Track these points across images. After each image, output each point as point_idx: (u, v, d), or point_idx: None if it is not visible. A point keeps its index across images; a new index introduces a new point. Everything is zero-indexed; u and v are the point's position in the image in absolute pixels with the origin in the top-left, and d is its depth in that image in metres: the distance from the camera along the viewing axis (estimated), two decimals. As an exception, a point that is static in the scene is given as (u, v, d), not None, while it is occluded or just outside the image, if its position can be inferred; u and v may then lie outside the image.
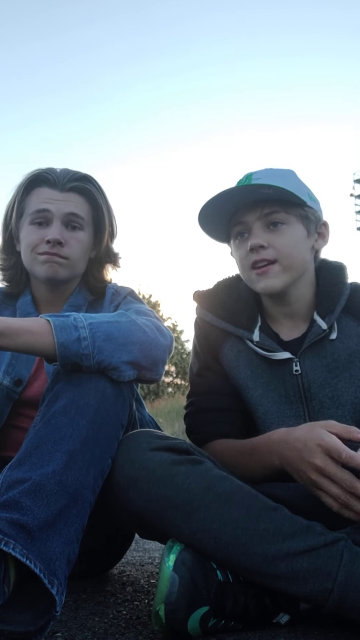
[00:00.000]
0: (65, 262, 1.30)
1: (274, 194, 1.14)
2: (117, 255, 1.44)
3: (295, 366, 1.19)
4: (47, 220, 1.30)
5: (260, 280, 1.17)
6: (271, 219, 1.17)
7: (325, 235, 1.26)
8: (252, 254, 1.17)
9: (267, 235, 1.17)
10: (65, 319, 1.03)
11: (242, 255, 1.20)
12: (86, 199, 1.34)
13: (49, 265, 1.29)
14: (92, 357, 1.01)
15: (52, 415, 0.98)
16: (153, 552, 1.82)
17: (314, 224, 1.22)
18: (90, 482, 0.96)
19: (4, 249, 1.38)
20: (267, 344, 1.21)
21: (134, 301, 1.33)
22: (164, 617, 0.91)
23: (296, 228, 1.18)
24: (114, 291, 1.38)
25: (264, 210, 1.17)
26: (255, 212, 1.17)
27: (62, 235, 1.28)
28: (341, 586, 0.91)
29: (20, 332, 0.99)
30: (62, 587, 0.88)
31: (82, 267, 1.36)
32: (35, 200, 1.31)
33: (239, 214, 1.20)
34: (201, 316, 1.31)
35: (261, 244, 1.16)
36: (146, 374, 1.11)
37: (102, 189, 1.38)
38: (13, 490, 0.90)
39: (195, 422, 1.28)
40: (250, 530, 0.96)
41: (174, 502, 0.98)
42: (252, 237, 1.17)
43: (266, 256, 1.16)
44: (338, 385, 1.17)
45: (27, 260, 1.33)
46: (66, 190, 1.31)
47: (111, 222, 1.40)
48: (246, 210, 1.18)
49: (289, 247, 1.17)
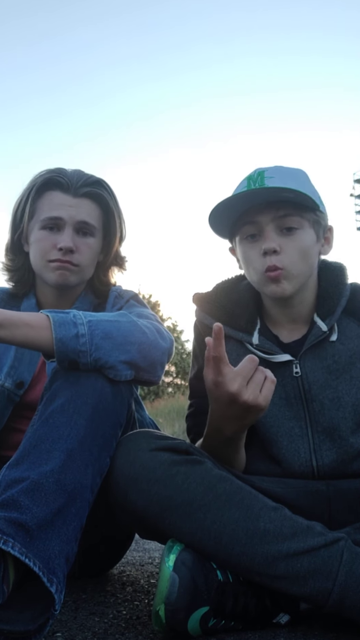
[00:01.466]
0: (76, 269, 1.29)
1: (294, 197, 1.12)
2: (124, 258, 1.43)
3: (296, 368, 1.19)
4: (59, 226, 1.29)
5: (271, 284, 1.15)
6: (286, 223, 1.15)
7: (331, 240, 1.24)
8: (265, 259, 1.14)
9: (281, 239, 1.14)
10: (64, 315, 1.03)
11: (253, 257, 1.17)
12: (98, 205, 1.33)
13: (60, 272, 1.28)
14: (89, 354, 1.01)
15: (50, 414, 0.98)
16: (153, 552, 1.82)
17: (322, 229, 1.21)
18: (88, 480, 0.96)
19: (12, 249, 1.37)
20: (267, 346, 1.20)
21: (137, 305, 1.33)
22: (164, 617, 0.91)
23: (308, 233, 1.17)
24: (116, 294, 1.38)
25: (278, 212, 1.14)
26: (270, 213, 1.15)
27: (74, 242, 1.28)
28: (341, 586, 0.91)
29: (19, 324, 0.99)
30: (61, 585, 0.88)
31: (91, 271, 1.36)
32: (47, 205, 1.30)
33: (250, 213, 1.16)
34: (200, 319, 1.30)
35: (275, 248, 1.13)
36: (144, 375, 1.10)
37: (114, 193, 1.37)
38: (11, 489, 0.89)
39: (195, 424, 1.28)
40: (251, 531, 0.95)
41: (174, 502, 0.98)
42: (266, 240, 1.14)
43: (278, 263, 1.13)
44: (339, 387, 1.17)
45: (37, 265, 1.32)
46: (79, 196, 1.30)
47: (121, 226, 1.39)
48: (259, 210, 1.15)
49: (301, 253, 1.15)
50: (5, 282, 1.41)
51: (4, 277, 1.40)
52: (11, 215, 1.37)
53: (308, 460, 1.15)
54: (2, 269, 1.39)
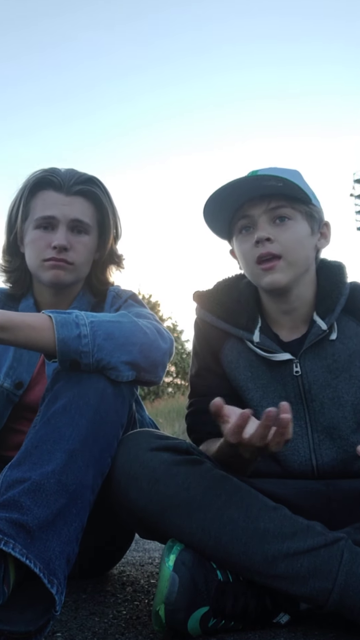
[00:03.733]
0: (70, 267, 1.29)
1: (282, 187, 1.13)
2: (121, 256, 1.43)
3: (296, 367, 1.19)
4: (53, 225, 1.29)
5: (265, 275, 1.16)
6: (277, 214, 1.16)
7: (327, 235, 1.25)
8: (258, 248, 1.16)
9: (273, 229, 1.16)
10: (67, 316, 1.03)
11: (247, 249, 1.19)
12: (92, 202, 1.33)
13: (54, 272, 1.28)
14: (91, 355, 1.01)
15: (52, 414, 0.98)
16: (153, 552, 1.82)
17: (317, 222, 1.21)
18: (89, 481, 0.96)
19: (8, 250, 1.37)
20: (268, 344, 1.20)
21: (135, 304, 1.33)
22: (164, 617, 0.91)
23: (301, 224, 1.18)
24: (115, 294, 1.37)
25: (270, 204, 1.16)
26: (262, 206, 1.17)
27: (68, 240, 1.27)
28: (341, 586, 0.91)
29: (22, 326, 0.99)
30: (62, 586, 0.88)
31: (87, 270, 1.36)
32: (40, 204, 1.30)
33: (244, 208, 1.18)
34: (201, 317, 1.30)
35: (267, 236, 1.14)
36: (145, 375, 1.10)
37: (107, 191, 1.36)
38: (13, 490, 0.90)
39: (195, 422, 1.28)
40: (251, 530, 0.96)
41: (174, 502, 0.98)
42: (259, 230, 1.16)
43: (272, 250, 1.15)
44: (338, 386, 1.17)
45: (32, 265, 1.32)
46: (72, 194, 1.29)
47: (116, 224, 1.39)
48: (252, 203, 1.17)
49: (294, 242, 1.16)
50: (2, 283, 1.41)
51: (2, 278, 1.40)
52: (7, 216, 1.37)
53: (308, 459, 1.16)
54: (0, 270, 1.39)
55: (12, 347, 1.30)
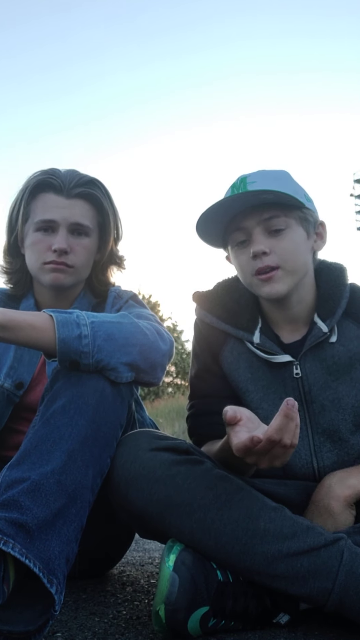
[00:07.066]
0: (71, 270, 1.29)
1: (274, 198, 1.12)
2: (122, 257, 1.43)
3: (296, 369, 1.18)
4: (53, 228, 1.29)
5: (264, 285, 1.15)
6: (272, 224, 1.15)
7: (323, 235, 1.24)
8: (256, 261, 1.15)
9: (269, 240, 1.15)
10: (68, 316, 1.03)
11: (244, 262, 1.17)
12: (92, 205, 1.33)
13: (54, 275, 1.28)
14: (91, 355, 1.01)
15: (51, 414, 0.98)
16: (153, 552, 1.82)
17: (312, 225, 1.20)
18: (89, 481, 0.96)
19: (9, 251, 1.37)
20: (268, 346, 1.20)
21: (136, 305, 1.33)
22: (164, 617, 0.91)
23: (296, 231, 1.17)
24: (115, 295, 1.37)
25: (263, 215, 1.14)
26: (255, 217, 1.15)
27: (68, 243, 1.27)
28: (341, 586, 0.91)
29: (23, 325, 0.99)
30: (61, 586, 0.88)
31: (87, 272, 1.36)
32: (41, 207, 1.30)
33: (237, 220, 1.17)
34: (201, 317, 1.30)
35: (264, 250, 1.13)
36: (144, 376, 1.10)
37: (108, 193, 1.36)
38: (12, 490, 0.90)
39: (196, 425, 1.28)
40: (251, 530, 0.95)
41: (174, 502, 0.98)
42: (254, 243, 1.14)
43: (269, 262, 1.13)
44: (339, 388, 1.17)
45: (32, 267, 1.32)
46: (72, 197, 1.29)
47: (117, 225, 1.39)
48: (245, 215, 1.16)
49: (291, 251, 1.15)
50: (3, 283, 1.41)
51: (3, 279, 1.40)
52: (7, 217, 1.37)
53: (309, 461, 1.15)
54: (1, 271, 1.39)
55: (12, 347, 1.30)
